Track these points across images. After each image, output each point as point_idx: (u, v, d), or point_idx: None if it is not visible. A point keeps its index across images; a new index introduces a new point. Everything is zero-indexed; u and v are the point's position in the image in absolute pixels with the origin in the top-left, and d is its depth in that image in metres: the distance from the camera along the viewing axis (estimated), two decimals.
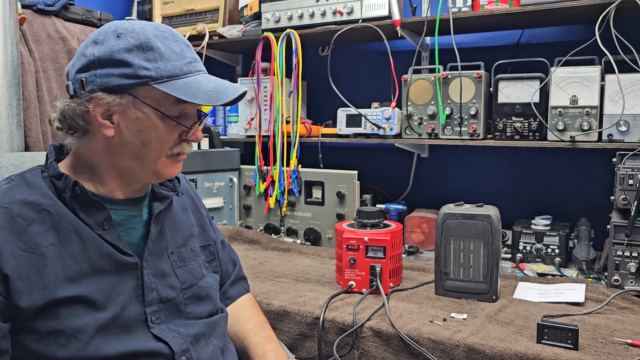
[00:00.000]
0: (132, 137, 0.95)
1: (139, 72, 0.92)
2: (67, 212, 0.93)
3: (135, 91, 0.93)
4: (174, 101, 0.94)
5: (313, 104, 2.39)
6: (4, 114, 1.56)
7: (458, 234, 1.42)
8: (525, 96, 1.73)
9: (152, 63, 0.92)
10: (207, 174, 2.14)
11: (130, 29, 0.94)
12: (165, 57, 0.93)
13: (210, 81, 0.97)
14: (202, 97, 0.93)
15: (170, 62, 0.93)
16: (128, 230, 1.00)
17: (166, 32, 0.96)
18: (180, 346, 0.98)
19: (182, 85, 0.93)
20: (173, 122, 0.95)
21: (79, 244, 0.92)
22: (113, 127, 0.94)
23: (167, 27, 0.99)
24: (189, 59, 0.96)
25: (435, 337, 1.20)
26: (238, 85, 1.03)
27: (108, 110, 0.93)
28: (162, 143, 0.96)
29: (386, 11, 1.93)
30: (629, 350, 1.12)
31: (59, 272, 0.89)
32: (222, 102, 0.95)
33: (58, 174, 0.95)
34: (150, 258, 1.01)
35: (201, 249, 1.13)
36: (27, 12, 1.82)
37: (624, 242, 1.47)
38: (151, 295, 0.98)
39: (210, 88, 0.95)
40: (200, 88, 0.94)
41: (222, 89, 0.96)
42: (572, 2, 1.63)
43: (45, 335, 0.88)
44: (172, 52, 0.94)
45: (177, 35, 0.98)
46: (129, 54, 0.92)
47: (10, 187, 0.94)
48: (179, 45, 0.96)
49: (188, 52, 0.97)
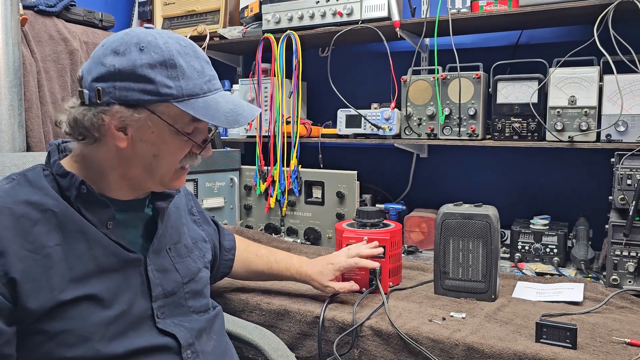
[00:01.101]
0: (145, 150, 0.95)
1: (161, 90, 0.91)
2: (71, 212, 0.93)
3: (154, 107, 0.92)
4: (190, 119, 0.94)
5: (313, 105, 2.40)
6: (6, 115, 1.57)
7: (457, 233, 1.43)
8: (524, 97, 1.74)
9: (174, 81, 0.92)
10: (208, 174, 2.15)
11: (153, 42, 0.92)
12: (187, 75, 0.93)
13: (228, 101, 0.97)
14: (221, 119, 0.94)
15: (192, 81, 0.93)
16: (130, 229, 1.02)
17: (188, 48, 0.96)
18: (187, 340, 1.01)
19: (202, 105, 0.93)
20: (185, 138, 0.96)
21: (85, 244, 0.92)
22: (126, 138, 0.94)
23: (188, 41, 0.98)
24: (209, 77, 0.97)
25: (435, 336, 1.21)
26: (253, 106, 1.03)
27: (123, 123, 0.92)
28: (174, 157, 0.98)
29: (386, 12, 1.93)
30: (627, 350, 1.12)
31: (65, 272, 0.89)
32: (240, 124, 0.97)
33: (63, 172, 0.95)
34: (153, 255, 1.02)
35: (193, 245, 1.16)
36: (28, 12, 1.83)
37: (622, 242, 1.48)
38: (157, 290, 1.00)
39: (228, 109, 0.96)
40: (219, 109, 0.95)
41: (240, 110, 0.97)
42: (570, 3, 1.63)
43: (54, 336, 0.87)
44: (194, 69, 0.94)
45: (197, 51, 0.98)
46: (152, 70, 0.91)
47: (12, 186, 0.93)
48: (200, 62, 0.96)
49: (207, 69, 0.98)
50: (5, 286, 0.84)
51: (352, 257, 1.39)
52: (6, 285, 0.84)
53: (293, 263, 1.42)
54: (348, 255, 1.40)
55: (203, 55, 0.99)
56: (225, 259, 1.37)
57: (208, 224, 1.32)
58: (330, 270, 1.38)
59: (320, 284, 1.38)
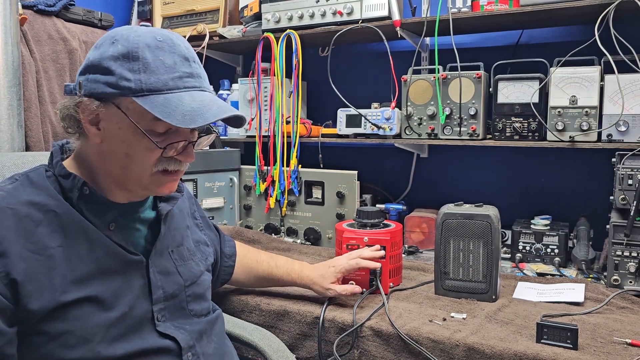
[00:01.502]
0: (116, 147, 0.92)
1: (120, 83, 0.88)
2: (73, 213, 0.92)
3: (119, 101, 0.90)
4: (154, 117, 0.88)
5: (313, 104, 2.39)
6: (5, 114, 1.56)
7: (458, 233, 1.42)
8: (524, 96, 1.73)
9: (135, 74, 0.88)
10: (208, 174, 2.14)
11: (125, 35, 0.90)
12: (151, 69, 0.88)
13: (195, 100, 0.90)
14: (177, 117, 0.86)
15: (156, 76, 0.88)
16: (132, 231, 1.01)
17: (164, 43, 0.91)
18: (187, 342, 1.00)
19: (162, 102, 0.88)
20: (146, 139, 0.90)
21: (87, 245, 0.92)
22: (99, 134, 0.92)
23: (171, 37, 0.93)
24: (180, 74, 0.90)
25: (435, 337, 1.20)
26: (226, 107, 0.93)
27: (95, 117, 0.91)
28: (144, 157, 0.92)
29: (386, 12, 1.93)
30: (628, 350, 1.12)
31: (67, 273, 0.89)
32: (197, 124, 0.87)
33: (65, 174, 0.94)
34: (155, 257, 1.02)
35: (196, 247, 1.15)
36: (27, 12, 1.82)
37: (623, 242, 1.48)
38: (158, 292, 0.99)
39: (189, 108, 0.88)
40: (178, 107, 0.87)
41: (203, 110, 0.88)
42: (571, 3, 1.63)
43: (55, 337, 0.87)
44: (162, 64, 0.89)
45: (176, 47, 0.92)
46: (115, 62, 0.89)
47: (15, 187, 0.93)
48: (173, 58, 0.90)
49: (183, 65, 0.91)
50: (7, 287, 0.84)
51: (354, 259, 1.39)
52: (7, 286, 0.84)
53: (294, 268, 1.40)
54: (349, 257, 1.40)
55: (183, 52, 0.92)
56: (225, 265, 1.36)
57: (210, 229, 1.31)
58: (332, 272, 1.37)
59: (322, 287, 1.37)
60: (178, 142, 0.93)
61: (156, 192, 0.99)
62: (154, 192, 1.00)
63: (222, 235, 1.37)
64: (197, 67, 0.94)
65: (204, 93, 0.93)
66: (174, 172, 0.96)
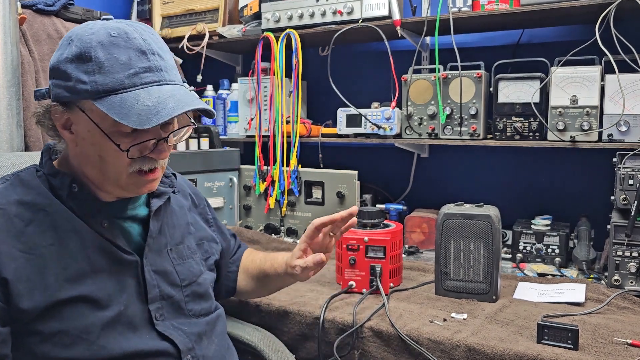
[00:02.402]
0: (89, 150, 0.91)
1: (77, 87, 0.85)
2: (64, 211, 0.92)
3: (82, 104, 0.88)
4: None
5: (313, 104, 2.39)
6: (4, 114, 1.56)
7: (458, 234, 1.42)
8: (525, 96, 1.73)
9: (90, 76, 0.84)
10: (207, 174, 2.14)
11: (79, 35, 0.87)
12: (105, 68, 0.84)
13: (152, 96, 0.85)
14: (133, 118, 0.83)
15: (110, 75, 0.84)
16: (126, 228, 1.00)
17: (119, 38, 0.86)
18: (186, 345, 0.99)
19: (118, 102, 0.84)
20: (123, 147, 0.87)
21: (79, 243, 0.91)
22: (73, 138, 0.92)
23: (127, 29, 0.88)
24: (136, 70, 0.86)
25: (436, 337, 1.20)
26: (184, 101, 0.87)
27: (67, 121, 0.91)
28: (116, 160, 0.89)
29: (386, 11, 1.93)
30: (629, 350, 1.12)
31: (59, 272, 0.89)
32: (151, 124, 0.83)
33: (54, 172, 0.94)
34: (151, 255, 1.00)
35: (197, 246, 1.13)
36: (27, 11, 1.82)
37: (624, 242, 1.47)
38: (153, 292, 0.98)
39: (144, 107, 0.83)
40: (134, 106, 0.83)
41: (159, 107, 0.84)
42: (572, 2, 1.62)
43: (50, 337, 0.87)
44: (116, 62, 0.85)
45: (131, 41, 0.87)
46: (70, 64, 0.86)
47: (5, 187, 0.93)
48: (128, 53, 0.86)
49: (139, 60, 0.86)
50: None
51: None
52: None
53: (276, 258, 1.25)
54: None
55: (141, 45, 0.87)
56: (229, 270, 1.30)
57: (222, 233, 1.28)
58: (296, 248, 1.20)
59: (289, 265, 1.18)
60: (147, 141, 0.90)
61: (136, 192, 0.96)
62: (135, 193, 0.97)
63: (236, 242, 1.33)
64: (157, 59, 0.89)
65: (162, 87, 0.88)
66: (152, 171, 0.93)
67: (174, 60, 0.95)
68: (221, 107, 2.43)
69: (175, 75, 0.92)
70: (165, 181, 1.09)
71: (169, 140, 0.92)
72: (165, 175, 1.10)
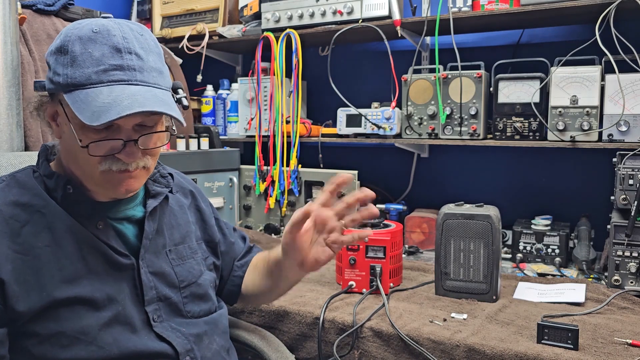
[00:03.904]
0: (67, 143, 0.91)
1: (54, 78, 0.87)
2: (60, 212, 0.92)
3: (60, 97, 0.88)
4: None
5: (313, 104, 2.39)
6: (4, 114, 1.56)
7: (458, 234, 1.42)
8: (525, 96, 1.73)
9: (64, 69, 0.86)
10: (207, 174, 2.14)
11: (68, 28, 0.88)
12: (78, 62, 0.85)
13: (112, 94, 0.84)
14: (87, 114, 0.82)
15: (80, 69, 0.84)
16: (122, 229, 0.99)
17: (99, 34, 0.86)
18: (184, 346, 0.98)
19: (82, 97, 0.84)
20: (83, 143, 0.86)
21: (74, 245, 0.91)
22: (58, 129, 0.93)
23: (110, 27, 0.87)
24: (106, 67, 0.85)
25: (436, 337, 1.20)
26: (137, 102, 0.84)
27: (53, 112, 0.92)
28: (85, 154, 0.88)
29: (386, 11, 1.93)
30: (629, 350, 1.11)
31: (55, 273, 0.88)
32: (100, 122, 0.81)
33: (49, 173, 0.94)
34: (148, 256, 1.00)
35: (198, 245, 1.12)
36: (27, 12, 1.82)
37: (624, 242, 1.47)
38: (150, 293, 0.97)
39: (101, 104, 0.82)
40: (93, 102, 0.83)
41: (113, 106, 0.82)
42: (572, 2, 1.62)
43: (47, 338, 0.87)
44: (90, 57, 0.85)
45: (110, 38, 0.86)
46: (52, 56, 0.88)
47: (1, 188, 0.93)
48: (103, 50, 0.85)
49: (112, 58, 0.85)
50: None
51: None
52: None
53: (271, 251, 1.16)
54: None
55: (118, 43, 0.86)
56: (234, 274, 1.23)
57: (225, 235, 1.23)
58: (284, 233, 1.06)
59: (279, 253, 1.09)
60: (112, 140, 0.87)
61: (116, 191, 0.93)
62: (115, 192, 0.94)
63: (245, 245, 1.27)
64: (133, 58, 0.87)
65: (129, 87, 0.85)
66: (124, 171, 0.90)
67: (160, 64, 0.93)
68: (221, 107, 2.43)
69: (154, 77, 0.89)
70: (162, 181, 1.08)
71: (140, 143, 0.89)
72: (162, 175, 1.09)
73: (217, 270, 1.18)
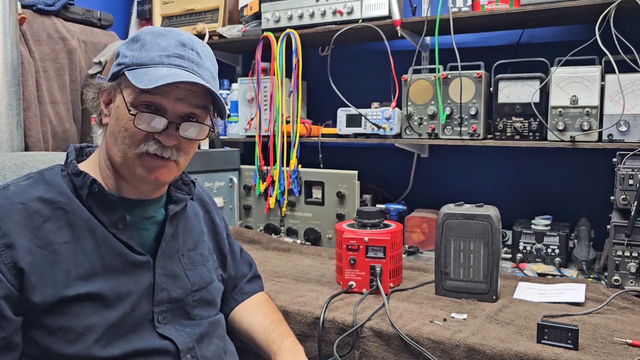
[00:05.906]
0: (113, 126, 0.96)
1: (120, 60, 0.96)
2: (82, 210, 0.94)
3: (121, 79, 0.95)
4: (139, 90, 0.91)
5: (313, 104, 2.39)
6: (4, 114, 1.56)
7: (458, 234, 1.42)
8: (525, 96, 1.73)
9: (132, 52, 0.95)
10: (207, 174, 2.14)
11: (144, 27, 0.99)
12: (147, 47, 0.94)
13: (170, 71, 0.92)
14: (145, 81, 0.90)
15: (148, 53, 0.93)
16: (141, 231, 1.02)
17: (170, 32, 0.97)
18: (186, 344, 1.00)
19: (142, 73, 0.92)
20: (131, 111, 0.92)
21: (93, 243, 0.93)
22: (109, 116, 0.98)
23: (179, 31, 0.98)
24: (170, 53, 0.93)
25: (436, 337, 1.20)
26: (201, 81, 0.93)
27: (108, 97, 0.98)
28: (130, 134, 0.93)
29: (386, 11, 1.93)
30: (629, 350, 1.11)
31: (71, 269, 0.91)
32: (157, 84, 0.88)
33: (77, 172, 0.97)
34: (163, 259, 1.02)
35: (209, 255, 1.14)
36: (27, 12, 1.82)
37: (624, 242, 1.47)
38: (161, 294, 0.99)
39: (158, 75, 0.90)
40: (151, 74, 0.91)
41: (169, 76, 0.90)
42: (572, 2, 1.62)
43: (55, 331, 0.89)
44: (157, 45, 0.94)
45: (178, 35, 0.96)
46: (124, 45, 0.98)
47: (28, 184, 0.96)
48: (169, 41, 0.95)
49: (177, 48, 0.94)
50: (15, 276, 0.87)
51: None
52: (15, 276, 0.87)
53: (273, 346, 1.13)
54: None
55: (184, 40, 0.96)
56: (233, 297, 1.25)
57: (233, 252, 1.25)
58: None
59: None
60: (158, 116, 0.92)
61: (145, 179, 0.96)
62: (144, 180, 0.96)
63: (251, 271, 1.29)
64: (194, 54, 0.96)
65: (183, 71, 0.93)
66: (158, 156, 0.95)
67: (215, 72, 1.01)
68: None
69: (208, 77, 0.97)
70: (184, 188, 1.12)
71: (182, 130, 0.94)
72: (184, 182, 1.13)
73: (223, 282, 1.20)
